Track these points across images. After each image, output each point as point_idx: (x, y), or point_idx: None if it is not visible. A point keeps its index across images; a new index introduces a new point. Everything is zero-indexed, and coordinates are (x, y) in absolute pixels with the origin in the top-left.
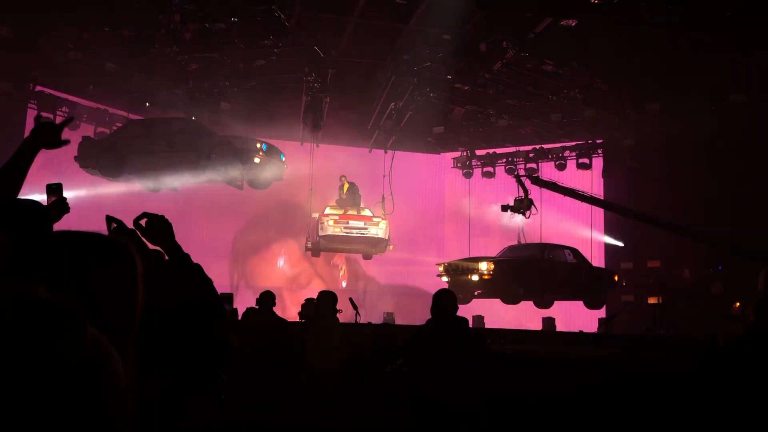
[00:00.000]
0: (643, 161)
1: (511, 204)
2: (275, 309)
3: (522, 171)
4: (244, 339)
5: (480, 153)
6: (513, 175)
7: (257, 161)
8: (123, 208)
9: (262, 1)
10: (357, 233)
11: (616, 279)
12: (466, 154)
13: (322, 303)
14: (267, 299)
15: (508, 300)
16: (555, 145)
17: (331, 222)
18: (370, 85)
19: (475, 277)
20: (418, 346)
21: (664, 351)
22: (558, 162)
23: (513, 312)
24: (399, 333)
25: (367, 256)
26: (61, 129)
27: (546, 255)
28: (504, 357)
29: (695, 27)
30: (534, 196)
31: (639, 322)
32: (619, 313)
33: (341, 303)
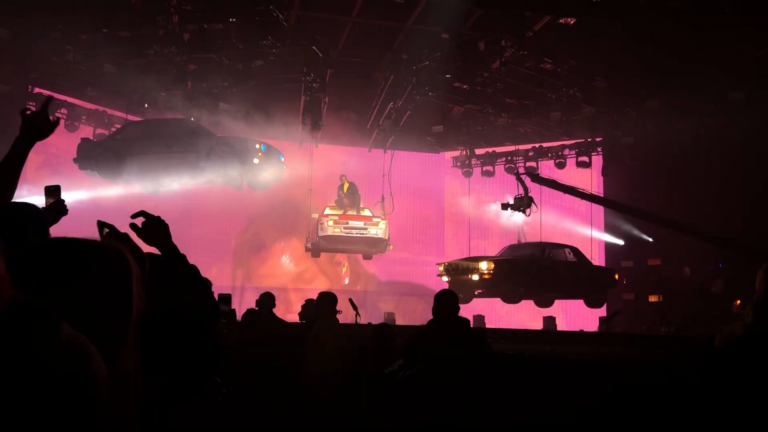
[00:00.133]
0: (643, 159)
1: (511, 202)
2: (275, 310)
3: (522, 169)
4: (243, 340)
5: (479, 152)
6: (513, 173)
7: (256, 162)
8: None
9: (260, 2)
10: (357, 233)
11: (616, 278)
12: (465, 153)
13: (321, 304)
14: (267, 300)
15: (508, 299)
16: (554, 144)
17: (331, 222)
18: (368, 85)
19: (476, 277)
20: (419, 346)
21: (662, 350)
22: (558, 160)
23: (514, 311)
24: (399, 333)
25: (367, 256)
26: (46, 112)
27: (546, 254)
28: (505, 357)
29: (694, 24)
30: (533, 194)
31: (639, 320)
32: (620, 312)
33: (341, 304)
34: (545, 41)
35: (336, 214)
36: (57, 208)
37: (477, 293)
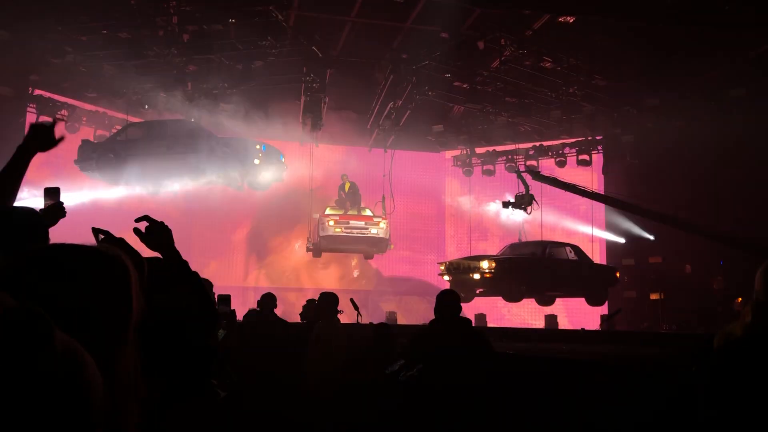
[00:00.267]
0: (643, 157)
1: (512, 200)
2: (276, 310)
3: (522, 167)
4: (244, 341)
5: (480, 151)
6: (514, 171)
7: (257, 162)
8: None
9: (259, 2)
10: (358, 233)
11: (617, 275)
12: (465, 152)
13: (323, 304)
14: (268, 301)
15: (509, 298)
16: (555, 142)
17: (332, 222)
18: (368, 85)
19: (477, 276)
20: (420, 346)
21: (663, 348)
22: (558, 159)
23: (516, 309)
24: (400, 333)
25: (369, 256)
26: (53, 129)
27: (547, 252)
28: (506, 357)
29: (694, 22)
30: (534, 192)
31: (641, 318)
32: (621, 310)
33: (342, 303)
34: (545, 40)
35: (337, 214)
36: (55, 210)
37: (478, 292)
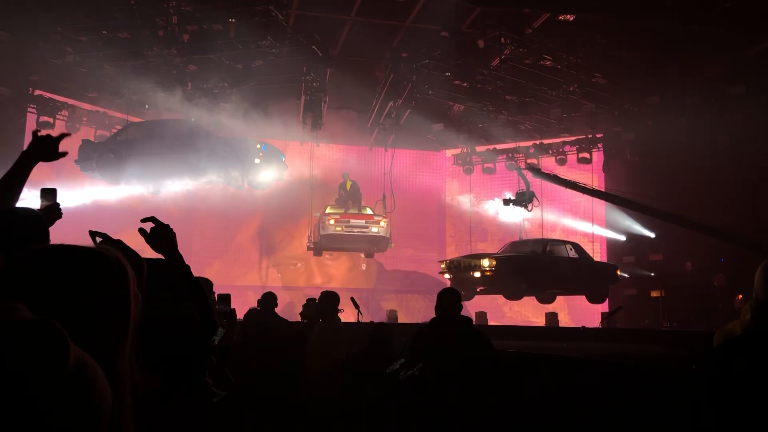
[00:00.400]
0: (644, 155)
1: (513, 198)
2: (276, 309)
3: (523, 164)
4: (245, 340)
5: (480, 149)
6: (514, 168)
7: (257, 162)
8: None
9: (259, 2)
10: (358, 232)
11: (618, 273)
12: (466, 150)
13: (323, 303)
14: (268, 300)
15: (510, 296)
16: (555, 140)
17: (332, 221)
18: (368, 84)
19: (478, 274)
20: (421, 344)
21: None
22: (558, 157)
23: (516, 307)
24: (401, 331)
25: (369, 254)
26: (58, 142)
27: (548, 250)
28: (507, 355)
29: (694, 19)
30: (535, 190)
31: (641, 316)
32: (622, 308)
33: (343, 302)
34: (545, 38)
35: (337, 212)
36: (52, 211)
37: (479, 290)
